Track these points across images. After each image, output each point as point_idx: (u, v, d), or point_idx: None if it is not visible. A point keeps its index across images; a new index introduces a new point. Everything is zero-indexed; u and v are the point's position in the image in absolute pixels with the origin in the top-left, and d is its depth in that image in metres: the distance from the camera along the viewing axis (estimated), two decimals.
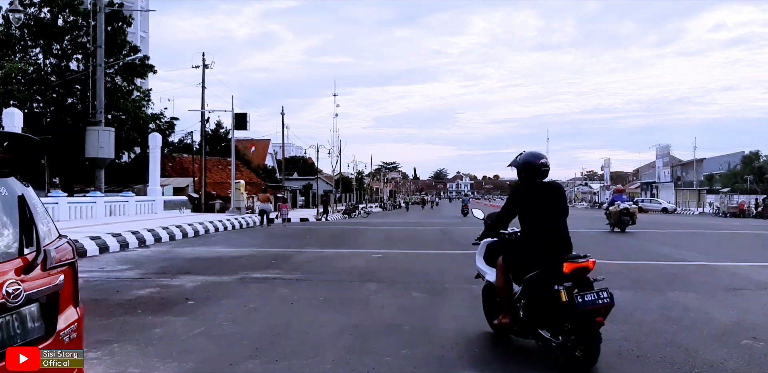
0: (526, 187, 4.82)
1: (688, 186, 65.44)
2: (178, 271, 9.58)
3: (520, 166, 4.82)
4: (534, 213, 4.68)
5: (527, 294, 4.58)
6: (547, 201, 4.74)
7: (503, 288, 4.83)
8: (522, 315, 4.66)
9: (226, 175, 39.91)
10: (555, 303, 4.21)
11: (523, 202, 4.77)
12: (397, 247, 14.52)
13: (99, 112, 23.69)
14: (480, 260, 5.67)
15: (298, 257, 11.98)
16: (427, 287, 8.08)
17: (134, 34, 58.33)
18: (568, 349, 4.23)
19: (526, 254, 4.62)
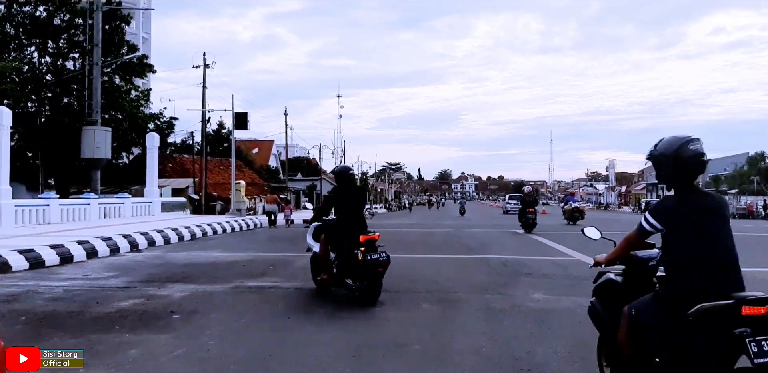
0: (337, 189, 7.45)
1: None
2: (168, 278, 8.89)
3: (335, 175, 7.91)
4: (344, 206, 7.29)
5: (339, 257, 7.12)
6: (350, 197, 7.35)
7: (324, 254, 7.31)
8: (335, 271, 7.20)
9: (227, 175, 39.19)
10: (355, 262, 6.78)
11: (335, 199, 7.38)
12: (403, 251, 13.75)
13: (95, 111, 23.08)
14: (310, 238, 7.99)
15: (298, 262, 11.26)
16: (438, 298, 7.38)
17: (136, 36, 57.78)
18: (362, 290, 6.87)
19: (339, 232, 7.17)
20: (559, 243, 15.55)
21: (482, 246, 15.00)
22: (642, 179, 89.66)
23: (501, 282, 8.71)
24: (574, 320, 6.07)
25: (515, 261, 11.43)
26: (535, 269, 10.32)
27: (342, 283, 7.13)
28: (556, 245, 15.02)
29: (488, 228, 23.76)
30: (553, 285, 8.45)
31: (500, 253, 13.16)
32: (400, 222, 31.26)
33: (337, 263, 7.16)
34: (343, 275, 7.08)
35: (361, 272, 6.80)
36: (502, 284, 8.49)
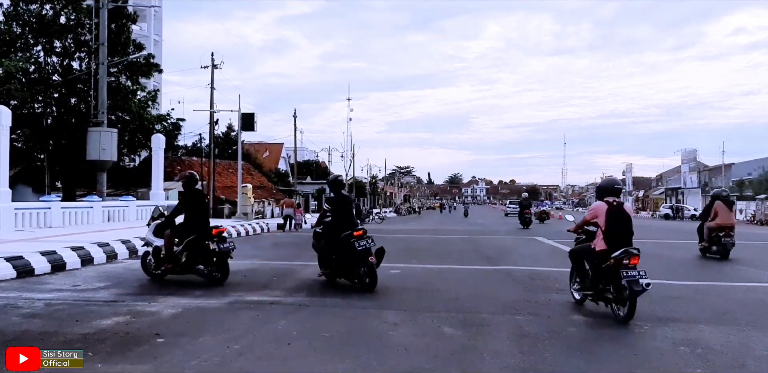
0: (187, 195, 8.98)
1: None
2: (161, 291, 8.10)
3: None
4: (191, 210, 8.75)
5: (190, 248, 8.57)
6: (199, 204, 9.00)
7: (169, 247, 8.62)
8: (184, 261, 8.60)
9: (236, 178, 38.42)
10: (208, 250, 8.46)
11: (186, 205, 8.80)
12: (417, 260, 12.95)
13: (101, 112, 22.41)
14: (150, 234, 9.22)
15: (303, 272, 10.48)
16: (460, 319, 6.52)
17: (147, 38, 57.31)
18: (212, 275, 8.63)
19: (186, 228, 8.68)
20: None
21: (501, 255, 14.10)
22: (660, 184, 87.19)
23: (531, 300, 7.80)
24: (627, 351, 5.24)
25: (541, 274, 10.54)
26: (565, 283, 9.23)
27: (193, 270, 8.65)
28: None
29: (504, 235, 22.83)
30: (591, 305, 7.52)
31: (522, 263, 12.31)
32: (411, 227, 30.42)
33: (187, 254, 8.57)
34: (194, 263, 8.61)
35: (213, 259, 8.59)
36: (533, 303, 7.59)
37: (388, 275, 10.26)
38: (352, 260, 8.33)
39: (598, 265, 6.76)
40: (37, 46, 25.54)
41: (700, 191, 65.61)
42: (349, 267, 8.42)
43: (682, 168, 71.70)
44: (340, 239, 8.47)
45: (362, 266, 8.27)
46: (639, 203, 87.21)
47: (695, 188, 67.30)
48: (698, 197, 64.61)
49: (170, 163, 40.72)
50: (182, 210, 8.79)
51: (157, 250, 8.87)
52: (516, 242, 18.73)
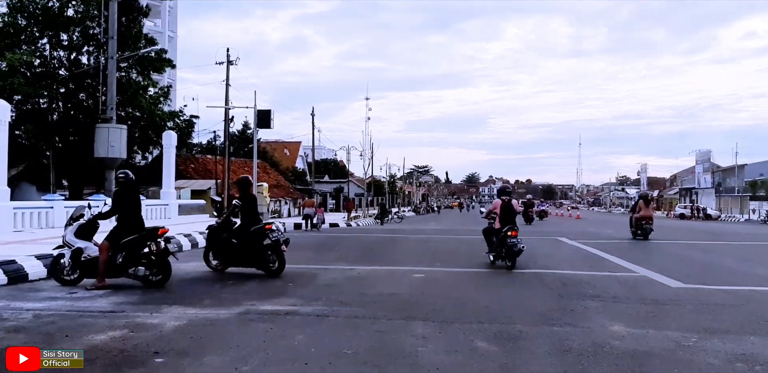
0: (122, 192, 8.69)
1: (729, 192, 63.59)
2: (166, 299, 7.46)
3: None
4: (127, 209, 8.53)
5: (127, 249, 8.28)
6: (133, 201, 8.71)
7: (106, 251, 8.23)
8: (120, 262, 8.27)
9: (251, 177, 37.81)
10: (149, 251, 8.33)
11: (122, 202, 8.56)
12: (441, 263, 12.25)
13: (110, 108, 21.91)
14: (71, 235, 8.52)
15: (322, 277, 9.81)
16: (494, 331, 5.88)
17: (162, 34, 57.34)
18: (148, 278, 8.34)
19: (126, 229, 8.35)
20: (611, 254, 14.07)
21: (528, 258, 13.29)
22: (674, 184, 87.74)
23: (566, 308, 7.17)
24: (682, 368, 4.66)
25: (573, 278, 9.89)
26: (599, 289, 8.75)
27: (126, 273, 8.33)
28: (610, 257, 13.50)
29: (526, 235, 21.95)
30: (630, 313, 6.97)
31: (551, 267, 11.64)
32: (431, 227, 29.72)
33: (125, 255, 8.27)
34: (129, 265, 8.31)
35: (154, 259, 8.37)
36: (568, 312, 6.96)
37: (412, 280, 9.63)
38: (263, 250, 9.68)
39: (496, 236, 11.33)
40: (43, 39, 25.13)
41: (713, 191, 66.36)
42: (259, 256, 9.66)
43: (696, 169, 72.49)
44: (252, 231, 9.76)
45: (272, 254, 9.72)
46: (654, 203, 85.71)
47: (709, 188, 68.03)
48: (712, 197, 65.36)
49: (183, 161, 40.43)
50: (118, 210, 8.48)
51: (78, 253, 8.35)
52: (540, 243, 18.00)
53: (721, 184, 66.00)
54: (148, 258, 8.30)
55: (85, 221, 8.62)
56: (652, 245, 17.96)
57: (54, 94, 25.07)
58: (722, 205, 61.09)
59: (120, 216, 8.45)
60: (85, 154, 23.06)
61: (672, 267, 11.57)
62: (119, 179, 8.73)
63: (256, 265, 9.75)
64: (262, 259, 9.71)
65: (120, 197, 8.59)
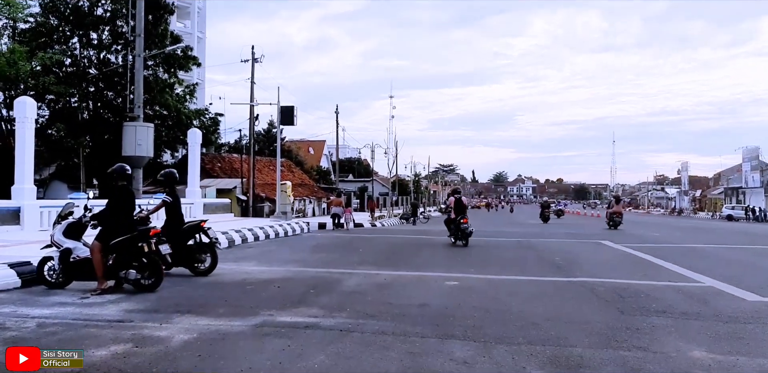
0: (121, 189, 8.08)
1: None
2: (179, 307, 6.88)
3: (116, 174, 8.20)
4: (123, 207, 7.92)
5: (118, 250, 7.71)
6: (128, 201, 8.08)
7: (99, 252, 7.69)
8: (110, 265, 7.71)
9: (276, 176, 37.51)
10: (141, 253, 7.72)
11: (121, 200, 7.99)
12: (474, 268, 11.49)
13: (137, 106, 21.58)
14: (60, 235, 7.97)
15: (346, 282, 9.16)
16: (549, 355, 5.06)
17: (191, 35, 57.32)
18: (140, 282, 7.73)
19: (117, 229, 7.77)
20: (665, 260, 12.98)
21: (572, 264, 12.46)
22: (717, 183, 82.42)
23: (630, 326, 6.25)
24: None
25: (628, 289, 8.90)
26: (663, 302, 7.76)
27: (116, 276, 7.68)
28: (665, 263, 12.42)
29: (564, 238, 21.11)
30: (709, 334, 6.00)
31: (600, 274, 10.69)
32: None
33: (116, 257, 7.67)
34: (121, 267, 7.66)
35: (146, 261, 7.77)
36: (633, 331, 6.05)
37: (444, 288, 8.89)
38: (196, 248, 9.56)
39: (454, 224, 16.09)
40: (73, 38, 24.96)
41: (763, 191, 62.16)
42: (192, 255, 9.48)
43: (743, 167, 68.17)
44: (185, 229, 9.63)
45: (205, 253, 9.56)
46: (696, 203, 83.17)
47: (758, 188, 63.73)
48: (761, 196, 61.26)
49: (210, 160, 40.21)
50: (115, 208, 7.90)
51: (66, 253, 7.86)
52: (581, 247, 17.06)
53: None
54: (140, 260, 7.75)
55: (75, 220, 8.08)
56: (709, 250, 16.73)
57: (84, 93, 24.88)
58: (765, 205, 56.89)
59: (112, 215, 7.88)
60: (115, 152, 22.75)
61: (740, 276, 10.49)
62: (114, 175, 8.15)
63: (183, 264, 9.51)
64: (191, 258, 9.52)
65: (115, 195, 8.05)
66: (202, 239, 9.81)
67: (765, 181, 62.91)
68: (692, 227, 33.27)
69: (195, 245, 9.72)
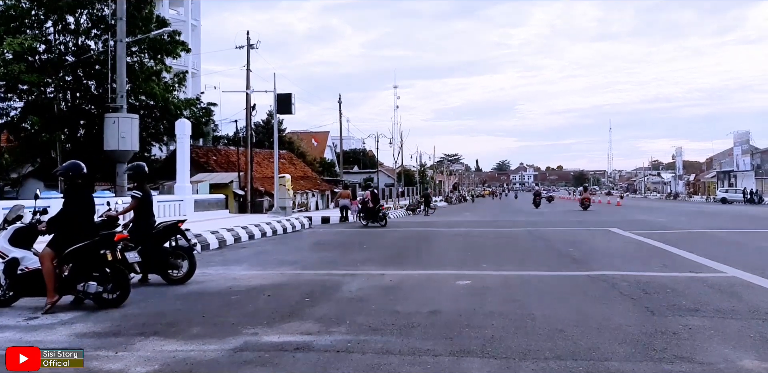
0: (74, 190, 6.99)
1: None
2: (144, 328, 5.81)
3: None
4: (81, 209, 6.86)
5: (75, 258, 6.63)
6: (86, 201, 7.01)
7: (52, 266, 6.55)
8: (66, 277, 6.65)
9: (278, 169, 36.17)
10: (104, 262, 6.63)
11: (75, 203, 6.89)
12: (486, 264, 10.49)
13: (120, 96, 20.42)
14: (4, 242, 6.88)
15: (347, 287, 8.11)
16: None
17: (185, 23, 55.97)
18: (101, 296, 6.62)
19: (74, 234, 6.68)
20: (677, 247, 12.38)
21: (587, 255, 11.71)
22: (709, 167, 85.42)
23: (665, 330, 5.47)
24: None
25: (652, 282, 8.12)
26: (692, 298, 6.99)
27: (73, 290, 6.67)
28: (680, 251, 11.78)
29: (573, 226, 20.37)
30: (753, 336, 5.28)
31: (618, 266, 9.93)
32: (467, 219, 27.90)
33: (72, 267, 6.69)
34: (79, 280, 6.62)
35: (109, 271, 6.70)
36: (670, 336, 5.27)
37: (456, 289, 7.89)
38: (171, 253, 8.52)
39: (371, 211, 21.32)
40: (47, 22, 23.70)
41: (753, 174, 64.12)
42: (164, 259, 8.43)
43: (735, 151, 70.08)
44: (159, 231, 8.55)
45: (181, 258, 8.51)
46: (690, 187, 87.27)
47: (749, 171, 65.73)
48: (752, 179, 63.11)
49: (205, 153, 39.08)
50: (70, 210, 6.83)
51: (13, 264, 6.78)
52: (591, 235, 16.37)
53: (761, 166, 63.53)
54: (102, 271, 6.67)
55: (24, 225, 6.97)
56: (719, 235, 16.35)
57: (61, 82, 23.70)
58: (763, 188, 58.53)
59: (68, 219, 6.84)
60: (97, 146, 21.71)
61: (761, 264, 9.83)
62: (70, 174, 7.03)
63: (155, 271, 8.47)
64: (164, 264, 8.45)
65: (72, 196, 6.98)
66: (178, 242, 8.74)
67: (755, 164, 64.68)
68: (696, 212, 33.14)
69: (170, 249, 8.66)
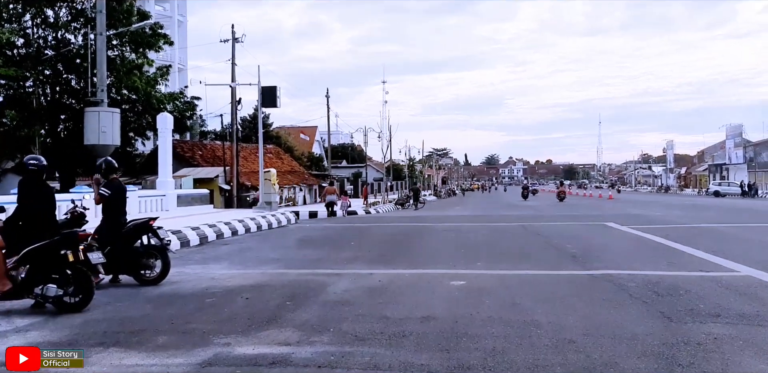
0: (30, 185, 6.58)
1: (763, 167, 61.37)
2: (105, 337, 5.30)
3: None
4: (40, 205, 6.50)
5: (33, 260, 6.11)
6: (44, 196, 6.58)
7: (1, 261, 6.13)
8: (22, 279, 6.12)
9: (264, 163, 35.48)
10: (63, 262, 6.10)
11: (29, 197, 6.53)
12: (481, 262, 10.05)
13: (100, 90, 19.70)
14: None
15: (332, 288, 7.62)
16: None
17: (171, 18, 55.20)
18: (62, 300, 6.10)
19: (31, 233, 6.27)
20: (678, 243, 12.08)
21: (587, 252, 11.24)
22: (701, 161, 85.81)
23: (688, 340, 4.97)
24: None
25: (662, 283, 7.64)
26: (710, 301, 6.51)
27: (30, 292, 6.17)
28: (682, 247, 11.44)
29: (566, 221, 19.99)
30: None
31: (621, 264, 9.48)
32: (458, 214, 27.48)
33: (30, 268, 6.18)
34: (37, 283, 6.12)
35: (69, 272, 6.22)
36: (694, 346, 4.78)
37: (450, 291, 7.41)
38: (143, 253, 8.03)
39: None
40: (25, 15, 22.99)
41: (746, 167, 64.35)
42: (135, 259, 7.94)
43: (727, 144, 70.17)
44: (129, 230, 8.09)
45: (154, 257, 8.03)
46: (682, 180, 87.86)
47: (741, 164, 65.91)
48: (745, 172, 63.33)
49: (190, 147, 38.44)
50: (26, 207, 6.54)
51: None
52: (588, 231, 16.02)
53: (754, 159, 63.64)
54: (63, 272, 6.19)
55: None
56: (720, 230, 16.03)
57: (40, 76, 23.00)
58: (756, 181, 58.54)
59: (25, 216, 6.52)
60: (78, 141, 21.06)
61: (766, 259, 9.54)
62: (28, 167, 6.68)
63: (125, 271, 8.01)
64: (136, 264, 7.96)
65: (26, 191, 6.59)
66: (150, 241, 8.24)
67: (748, 157, 64.88)
68: (690, 205, 32.91)
69: (141, 248, 8.16)
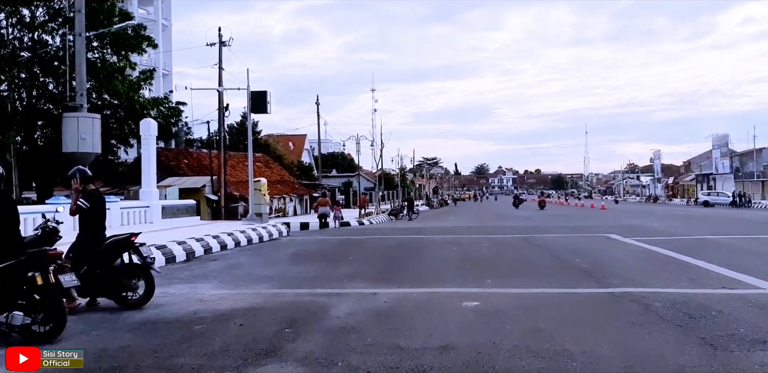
0: None
1: (749, 177, 62.49)
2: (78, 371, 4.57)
3: None
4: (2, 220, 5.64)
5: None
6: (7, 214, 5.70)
7: None
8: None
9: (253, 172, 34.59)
10: (31, 286, 5.45)
11: None
12: (490, 279, 9.44)
13: (80, 94, 18.98)
14: None
15: (335, 311, 6.94)
16: None
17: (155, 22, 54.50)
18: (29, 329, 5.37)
19: None
20: (688, 255, 11.82)
21: (597, 266, 10.83)
22: (687, 170, 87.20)
23: (737, 370, 4.52)
24: None
25: (690, 303, 7.13)
26: (747, 322, 6.04)
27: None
28: (694, 261, 11.10)
29: (567, 232, 19.58)
30: None
31: (639, 281, 8.98)
32: (454, 224, 26.90)
33: None
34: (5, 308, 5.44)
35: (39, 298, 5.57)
36: None
37: (465, 314, 6.81)
38: (124, 272, 7.31)
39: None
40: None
41: (732, 177, 65.40)
42: (115, 279, 7.20)
43: (713, 153, 71.40)
44: (107, 246, 7.33)
45: (137, 278, 7.36)
46: (670, 190, 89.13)
47: (728, 174, 66.89)
48: (731, 182, 64.31)
49: (175, 155, 37.60)
50: None
51: None
52: (591, 243, 15.71)
53: (740, 169, 64.65)
54: (30, 298, 5.56)
55: None
56: (725, 242, 15.65)
57: (15, 79, 22.22)
58: (743, 190, 59.07)
59: None
60: (56, 149, 20.28)
61: None
62: None
63: (104, 294, 7.27)
64: (116, 285, 7.21)
65: None
66: (132, 259, 7.52)
67: (735, 167, 65.97)
68: (684, 215, 33.08)
69: (122, 267, 7.43)
